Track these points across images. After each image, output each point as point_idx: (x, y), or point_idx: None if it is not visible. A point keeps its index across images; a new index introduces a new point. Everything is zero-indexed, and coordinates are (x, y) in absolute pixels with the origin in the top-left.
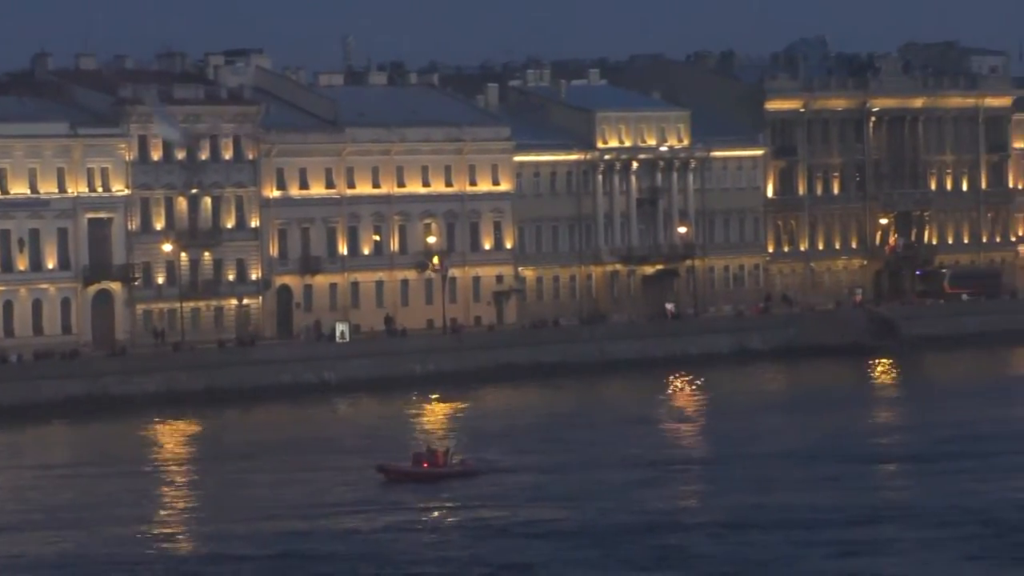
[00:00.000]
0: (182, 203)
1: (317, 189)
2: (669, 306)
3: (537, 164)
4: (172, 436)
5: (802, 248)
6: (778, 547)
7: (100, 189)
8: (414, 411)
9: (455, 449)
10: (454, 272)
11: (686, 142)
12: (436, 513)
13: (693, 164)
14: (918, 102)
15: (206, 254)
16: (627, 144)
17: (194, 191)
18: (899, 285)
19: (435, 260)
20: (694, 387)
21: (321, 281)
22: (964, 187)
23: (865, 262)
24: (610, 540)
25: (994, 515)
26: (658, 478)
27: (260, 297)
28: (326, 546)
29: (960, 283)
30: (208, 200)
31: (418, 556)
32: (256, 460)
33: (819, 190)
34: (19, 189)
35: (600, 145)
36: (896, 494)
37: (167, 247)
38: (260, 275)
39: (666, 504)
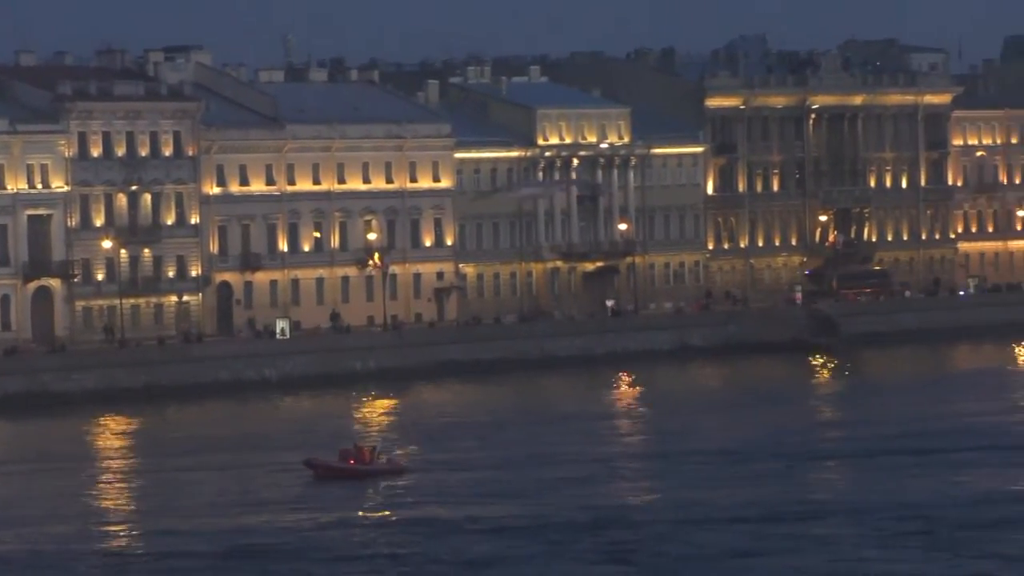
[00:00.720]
0: (122, 200)
1: (257, 186)
2: (610, 303)
3: (478, 161)
4: (111, 433)
5: (742, 245)
6: (726, 543)
7: (40, 186)
8: (354, 408)
9: (382, 446)
10: (395, 269)
11: (626, 139)
12: (381, 509)
13: (633, 161)
14: (858, 99)
15: (146, 251)
16: (567, 141)
17: (134, 188)
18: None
19: (376, 257)
20: (635, 384)
21: (261, 278)
22: (903, 184)
23: (805, 259)
24: (561, 536)
25: (937, 511)
26: (600, 475)
27: (200, 294)
28: (272, 541)
29: (849, 284)
30: (148, 197)
31: (371, 551)
32: (194, 457)
33: (759, 187)
34: None
35: (541, 142)
36: (840, 490)
37: (107, 244)
38: (200, 272)
39: (611, 500)
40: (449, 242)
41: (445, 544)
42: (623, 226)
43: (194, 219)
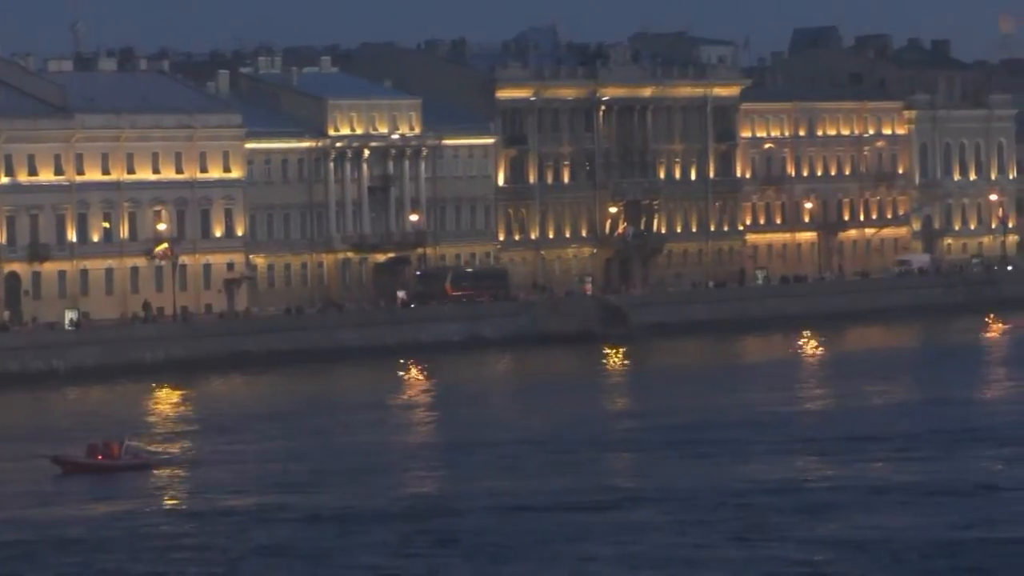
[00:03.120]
0: None
1: (46, 175)
2: (401, 294)
3: (268, 151)
4: None
5: (533, 236)
6: (540, 531)
7: None
8: (142, 400)
9: (128, 441)
10: (184, 259)
11: (417, 130)
12: (175, 501)
13: (424, 152)
14: (647, 91)
15: None
16: (359, 132)
17: None
18: (628, 273)
19: (163, 247)
20: (426, 375)
21: (50, 268)
22: (693, 176)
23: (595, 250)
24: (369, 526)
25: (730, 498)
26: (399, 464)
27: None
28: (70, 535)
29: (462, 284)
30: None
31: (180, 544)
32: None
33: (550, 179)
34: None
35: (332, 132)
36: (641, 479)
37: None
38: None
39: (413, 490)
40: (240, 232)
41: (249, 535)
42: (414, 217)
43: None
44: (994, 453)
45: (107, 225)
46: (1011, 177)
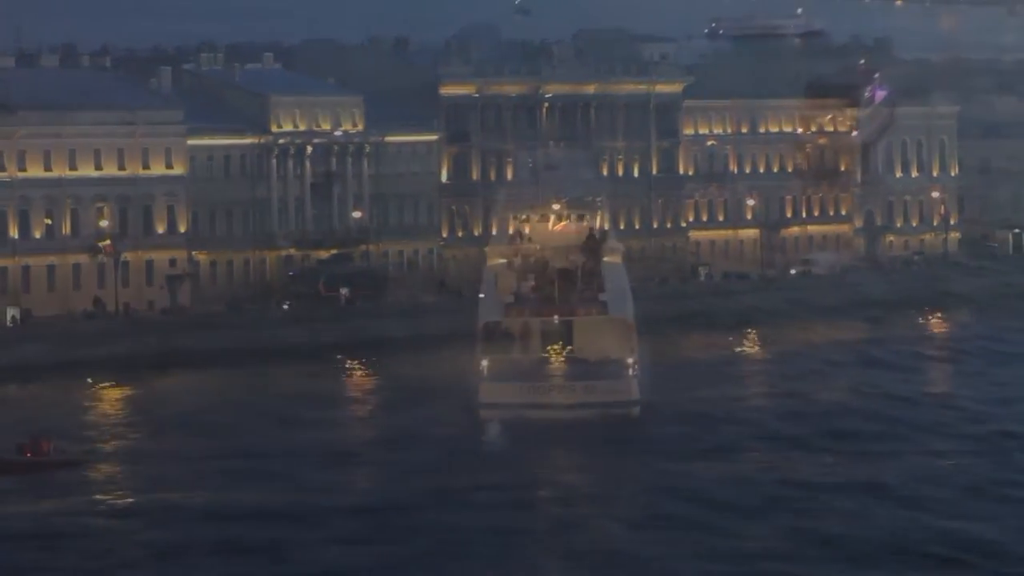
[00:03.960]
0: None
1: None
2: (344, 291)
3: (211, 148)
4: None
5: (476, 233)
6: (492, 525)
7: None
8: (83, 397)
9: (55, 438)
10: (127, 256)
11: (360, 127)
12: (111, 498)
13: (367, 149)
14: (590, 88)
15: None
16: (301, 128)
17: None
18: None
19: (105, 242)
20: (369, 371)
21: None
22: (636, 173)
23: (539, 247)
24: (321, 522)
25: (680, 494)
26: (345, 460)
27: None
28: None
29: (337, 284)
30: None
31: (126, 540)
32: None
33: (493, 175)
34: None
35: (274, 129)
36: (592, 475)
37: None
38: None
39: (368, 485)
40: (182, 229)
41: (230, 530)
42: (357, 214)
43: None
44: (943, 447)
45: (49, 222)
46: (953, 174)
